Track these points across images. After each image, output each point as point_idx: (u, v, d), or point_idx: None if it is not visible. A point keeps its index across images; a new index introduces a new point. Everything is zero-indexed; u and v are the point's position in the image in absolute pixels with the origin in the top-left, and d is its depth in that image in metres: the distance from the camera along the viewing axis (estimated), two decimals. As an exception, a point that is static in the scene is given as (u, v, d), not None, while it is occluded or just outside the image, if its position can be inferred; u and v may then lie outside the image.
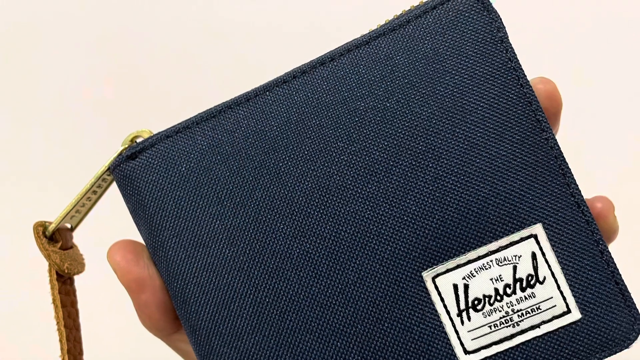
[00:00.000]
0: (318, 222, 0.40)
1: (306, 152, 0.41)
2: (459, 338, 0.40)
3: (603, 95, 0.77)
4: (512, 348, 0.40)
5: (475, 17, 0.41)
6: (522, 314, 0.40)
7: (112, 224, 0.61)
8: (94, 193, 0.45)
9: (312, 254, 0.40)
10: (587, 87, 0.77)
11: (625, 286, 0.40)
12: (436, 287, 0.40)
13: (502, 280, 0.40)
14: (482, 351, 0.40)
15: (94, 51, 0.79)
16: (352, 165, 0.40)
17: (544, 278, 0.40)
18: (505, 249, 0.40)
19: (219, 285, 0.40)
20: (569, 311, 0.40)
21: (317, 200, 0.40)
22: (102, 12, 0.80)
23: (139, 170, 0.42)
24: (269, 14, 0.80)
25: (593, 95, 0.77)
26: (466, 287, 0.40)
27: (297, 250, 0.40)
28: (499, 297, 0.40)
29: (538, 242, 0.40)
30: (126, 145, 0.43)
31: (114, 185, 0.44)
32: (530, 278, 0.40)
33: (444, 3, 0.42)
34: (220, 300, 0.40)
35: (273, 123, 0.41)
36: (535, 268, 0.40)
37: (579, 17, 0.79)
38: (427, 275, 0.40)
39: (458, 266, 0.40)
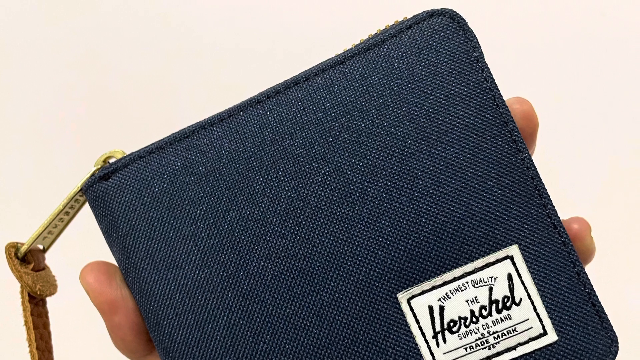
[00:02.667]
0: (292, 243, 0.40)
1: (280, 173, 0.40)
2: (434, 360, 0.39)
3: (580, 115, 0.78)
4: None
5: (450, 37, 0.41)
6: (498, 335, 0.39)
7: (84, 245, 0.61)
8: (67, 214, 0.44)
9: (286, 276, 0.40)
10: (563, 107, 0.78)
11: (602, 307, 0.40)
12: (411, 309, 0.39)
13: (477, 302, 0.39)
14: (458, 374, 0.39)
15: (67, 71, 0.79)
16: (326, 186, 0.40)
17: (520, 300, 0.39)
18: (481, 270, 0.40)
19: (192, 306, 0.40)
20: (545, 333, 0.39)
21: (291, 222, 0.40)
22: (75, 33, 0.79)
23: (112, 191, 0.41)
24: (243, 33, 0.80)
25: (570, 116, 0.77)
26: (442, 308, 0.39)
27: (271, 272, 0.40)
28: (474, 319, 0.39)
29: (514, 264, 0.40)
30: (99, 166, 0.42)
31: (87, 206, 0.44)
32: (506, 300, 0.39)
33: (419, 22, 0.42)
34: (194, 322, 0.40)
35: (247, 143, 0.41)
36: (511, 289, 0.39)
37: (555, 37, 0.79)
38: (402, 297, 0.39)
39: (433, 288, 0.39)
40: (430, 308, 0.39)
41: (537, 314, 0.39)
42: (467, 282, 0.39)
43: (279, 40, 0.80)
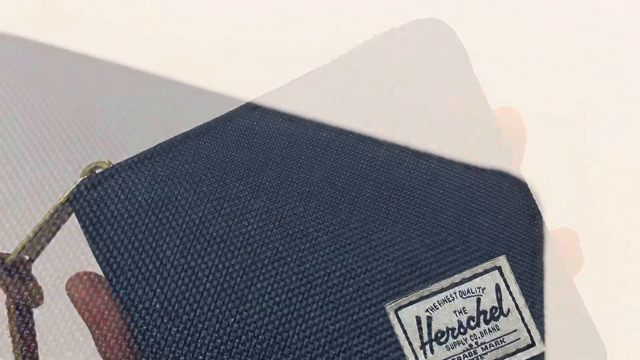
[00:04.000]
0: (279, 256, 0.40)
1: (267, 185, 0.40)
2: (422, 372, 0.39)
3: (569, 124, 0.78)
4: None
5: (438, 47, 0.41)
6: (486, 347, 0.39)
7: (70, 255, 0.61)
8: (53, 224, 0.44)
9: (274, 288, 0.40)
10: (552, 115, 0.78)
11: (591, 319, 0.40)
12: (399, 320, 0.39)
13: (465, 313, 0.39)
14: (446, 385, 0.39)
15: (56, 80, 0.78)
16: (313, 197, 0.40)
17: (508, 310, 0.39)
18: (468, 281, 0.39)
19: (177, 319, 0.40)
20: (533, 344, 0.39)
21: (278, 235, 0.40)
22: (61, 37, 0.79)
23: (98, 202, 0.41)
24: (232, 41, 0.80)
25: (558, 124, 0.77)
26: (429, 319, 0.39)
27: (258, 284, 0.40)
28: (462, 330, 0.39)
29: (502, 274, 0.39)
30: (85, 176, 0.42)
31: (73, 216, 0.43)
32: (494, 310, 0.39)
33: (406, 32, 0.42)
34: (179, 335, 0.40)
35: (234, 154, 0.41)
36: (499, 300, 0.39)
37: (544, 46, 0.79)
38: (389, 308, 0.39)
39: (421, 298, 0.39)
40: (418, 319, 0.39)
41: (525, 325, 0.39)
42: (455, 293, 0.39)
43: (267, 50, 0.80)
